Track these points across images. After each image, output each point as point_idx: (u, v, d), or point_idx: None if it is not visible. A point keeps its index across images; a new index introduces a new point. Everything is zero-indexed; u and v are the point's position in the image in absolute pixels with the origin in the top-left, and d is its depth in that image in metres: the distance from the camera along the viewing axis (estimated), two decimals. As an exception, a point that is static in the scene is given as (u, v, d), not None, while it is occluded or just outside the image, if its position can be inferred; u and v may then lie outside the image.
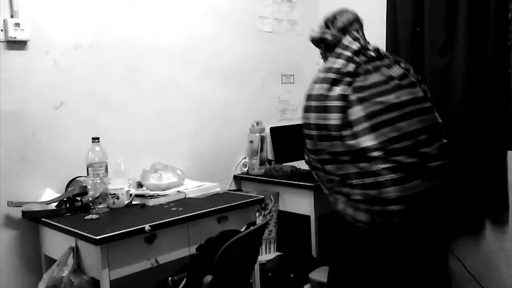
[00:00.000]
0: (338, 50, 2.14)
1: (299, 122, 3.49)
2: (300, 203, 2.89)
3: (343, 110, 2.01)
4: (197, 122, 3.01)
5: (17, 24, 2.24)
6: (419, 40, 2.87)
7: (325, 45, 2.22)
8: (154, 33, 2.78)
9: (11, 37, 2.22)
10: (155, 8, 2.78)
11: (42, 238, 2.30)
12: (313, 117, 2.09)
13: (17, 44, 2.27)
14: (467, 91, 2.66)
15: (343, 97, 2.03)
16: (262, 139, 3.16)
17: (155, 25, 2.78)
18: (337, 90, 2.04)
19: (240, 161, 3.26)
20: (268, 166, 3.18)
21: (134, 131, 2.70)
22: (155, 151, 2.78)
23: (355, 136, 1.98)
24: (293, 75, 3.58)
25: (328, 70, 2.10)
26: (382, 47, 3.01)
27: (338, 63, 2.10)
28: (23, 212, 2.21)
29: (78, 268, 1.97)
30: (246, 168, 3.23)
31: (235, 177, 3.23)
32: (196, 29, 2.98)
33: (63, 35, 2.43)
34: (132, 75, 2.69)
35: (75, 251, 1.98)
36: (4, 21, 2.22)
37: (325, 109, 2.04)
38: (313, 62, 3.69)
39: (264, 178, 3.08)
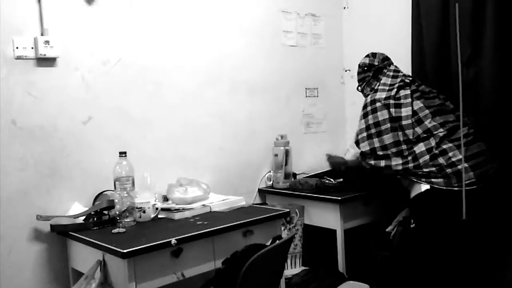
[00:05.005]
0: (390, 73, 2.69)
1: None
2: (326, 217, 2.87)
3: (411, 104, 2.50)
4: (222, 136, 3.02)
5: (47, 42, 2.29)
6: (445, 52, 2.84)
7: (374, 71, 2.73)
8: (180, 49, 2.81)
9: (41, 54, 2.28)
10: (181, 25, 2.82)
11: (70, 251, 2.33)
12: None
13: (46, 61, 2.33)
14: (495, 102, 2.62)
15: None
16: (287, 153, 3.15)
17: (181, 40, 2.82)
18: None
19: (265, 175, 3.25)
20: (293, 179, 3.17)
21: (160, 146, 2.73)
22: (180, 165, 2.80)
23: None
24: (317, 88, 3.58)
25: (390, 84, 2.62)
26: (408, 60, 3.01)
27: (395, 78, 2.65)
28: (51, 225, 2.24)
29: (105, 282, 1.98)
30: (271, 182, 3.22)
31: (259, 190, 3.22)
32: (221, 44, 3.00)
33: (91, 52, 2.47)
34: (158, 90, 2.73)
35: (102, 264, 1.99)
36: (34, 39, 2.28)
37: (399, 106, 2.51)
38: (337, 76, 3.70)
39: (289, 192, 3.06)
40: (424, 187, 2.37)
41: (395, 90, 2.56)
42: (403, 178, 2.53)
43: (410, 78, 2.64)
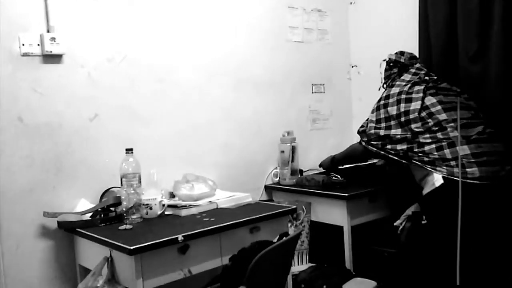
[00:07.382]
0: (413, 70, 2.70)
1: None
2: (332, 213, 2.86)
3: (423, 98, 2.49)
4: (228, 133, 3.02)
5: (53, 39, 2.29)
6: (452, 48, 2.82)
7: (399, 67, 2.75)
8: (185, 45, 2.81)
9: (47, 51, 2.28)
10: (186, 21, 2.81)
11: (77, 248, 2.33)
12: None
13: (52, 58, 2.33)
14: (502, 97, 2.60)
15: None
16: (293, 149, 3.14)
17: (186, 37, 2.81)
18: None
19: (271, 171, 3.24)
20: (299, 176, 3.16)
21: (166, 142, 2.72)
22: (186, 161, 2.79)
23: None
24: (323, 84, 3.56)
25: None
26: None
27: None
28: (58, 222, 2.24)
29: (112, 278, 1.98)
30: (277, 178, 3.21)
31: (266, 187, 3.22)
32: (226, 40, 3.00)
33: (97, 49, 2.47)
34: (164, 87, 2.72)
35: (110, 261, 2.00)
36: (40, 35, 2.28)
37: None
38: (343, 72, 3.69)
39: (296, 188, 3.05)
40: (438, 182, 2.36)
41: (409, 85, 2.57)
42: (415, 169, 2.52)
43: (433, 76, 2.64)
